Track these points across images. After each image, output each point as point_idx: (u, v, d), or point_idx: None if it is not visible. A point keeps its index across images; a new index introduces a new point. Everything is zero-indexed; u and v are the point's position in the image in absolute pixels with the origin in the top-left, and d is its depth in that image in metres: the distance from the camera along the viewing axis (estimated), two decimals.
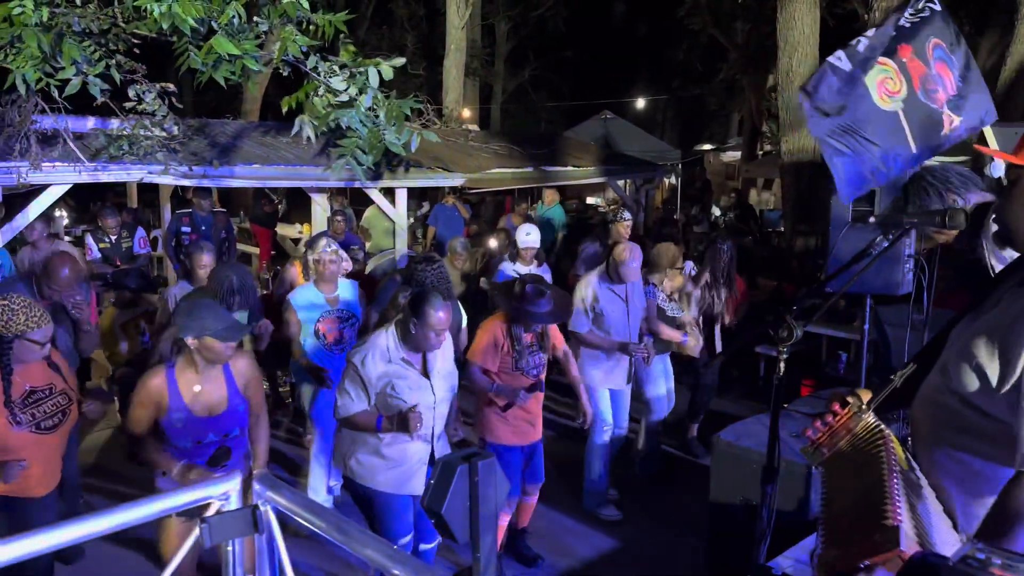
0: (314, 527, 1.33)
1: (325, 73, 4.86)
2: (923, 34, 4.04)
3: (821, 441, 1.86)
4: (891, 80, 3.89)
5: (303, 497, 1.38)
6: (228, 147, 6.68)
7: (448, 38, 13.76)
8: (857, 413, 1.82)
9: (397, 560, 1.19)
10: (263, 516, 1.40)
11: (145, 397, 3.16)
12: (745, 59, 17.44)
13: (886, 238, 1.95)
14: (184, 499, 1.45)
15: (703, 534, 4.38)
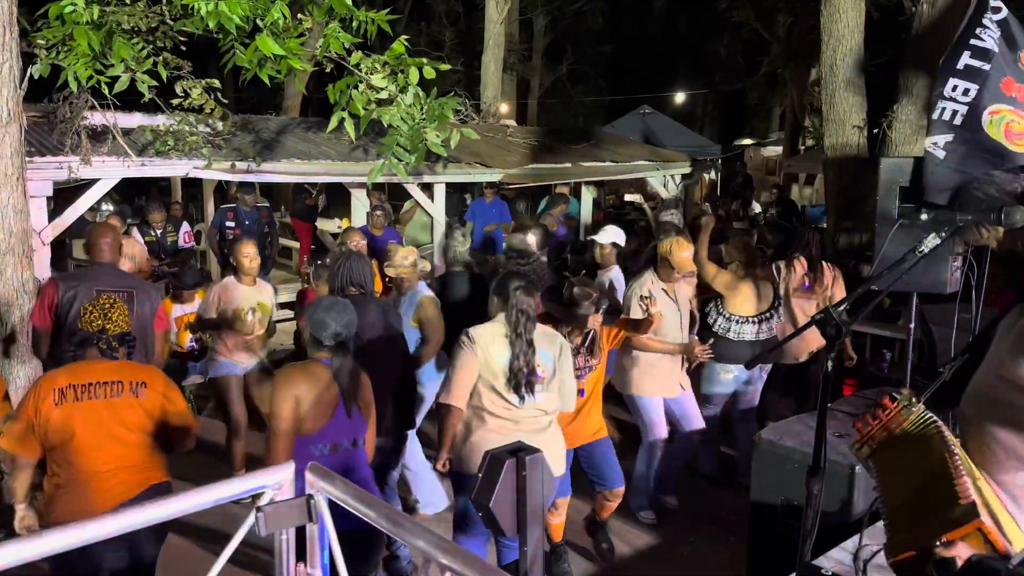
0: (365, 517, 1.36)
1: (367, 70, 4.90)
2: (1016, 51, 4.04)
3: (871, 435, 1.83)
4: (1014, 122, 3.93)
5: (354, 487, 1.41)
6: (271, 143, 6.79)
7: (486, 33, 13.76)
8: (907, 406, 1.79)
9: (447, 551, 1.20)
10: (316, 506, 1.43)
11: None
12: (787, 52, 17.18)
13: (938, 235, 1.91)
14: (238, 488, 1.49)
15: (742, 533, 4.34)
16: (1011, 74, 4.01)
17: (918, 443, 1.70)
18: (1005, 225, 1.84)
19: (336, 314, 3.11)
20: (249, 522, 1.40)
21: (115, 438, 2.93)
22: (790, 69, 17.57)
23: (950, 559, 1.35)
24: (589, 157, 9.68)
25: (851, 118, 8.46)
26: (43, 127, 5.87)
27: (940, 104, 4.06)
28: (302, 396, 2.96)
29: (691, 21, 25.72)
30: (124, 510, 1.42)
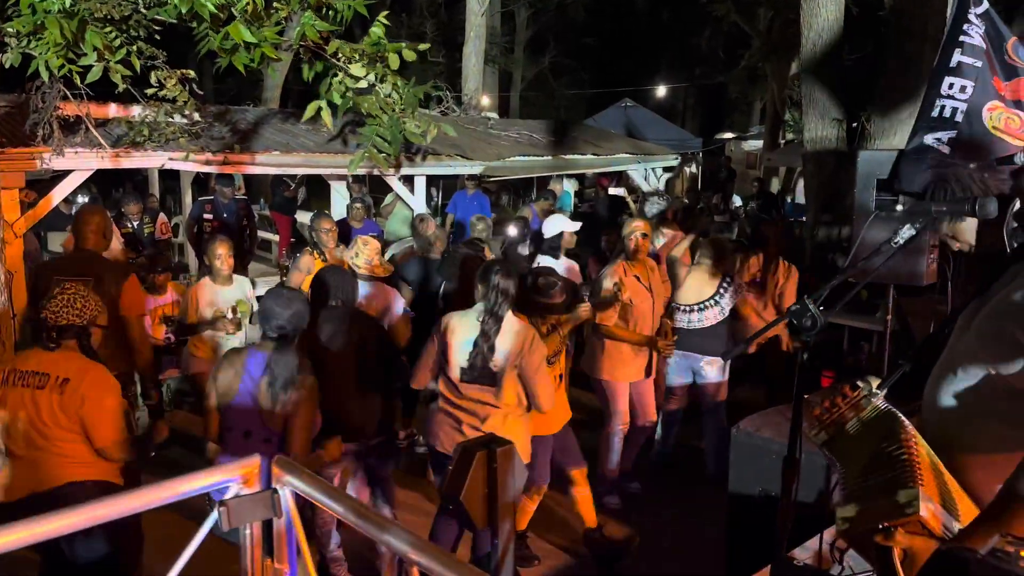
0: (333, 512, 1.34)
1: (344, 59, 4.85)
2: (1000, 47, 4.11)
3: (828, 421, 1.85)
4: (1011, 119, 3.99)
5: (322, 481, 1.38)
6: (249, 134, 6.71)
7: (467, 25, 13.70)
8: (867, 396, 1.80)
9: (416, 547, 1.18)
10: (282, 500, 1.41)
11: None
12: (768, 47, 17.24)
13: (913, 227, 1.91)
14: (203, 482, 1.46)
15: (721, 525, 4.35)
16: (999, 71, 4.07)
17: (874, 430, 1.71)
18: (979, 216, 1.84)
19: (282, 307, 3.17)
20: (213, 517, 1.38)
21: (36, 428, 2.98)
22: (770, 63, 17.64)
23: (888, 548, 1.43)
24: (570, 150, 9.66)
25: (830, 112, 8.50)
26: (15, 117, 5.77)
27: (939, 102, 4.11)
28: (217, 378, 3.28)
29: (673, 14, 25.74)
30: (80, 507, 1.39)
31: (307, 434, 3.28)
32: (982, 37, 4.06)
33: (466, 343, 3.59)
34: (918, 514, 1.40)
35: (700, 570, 4.37)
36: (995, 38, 4.12)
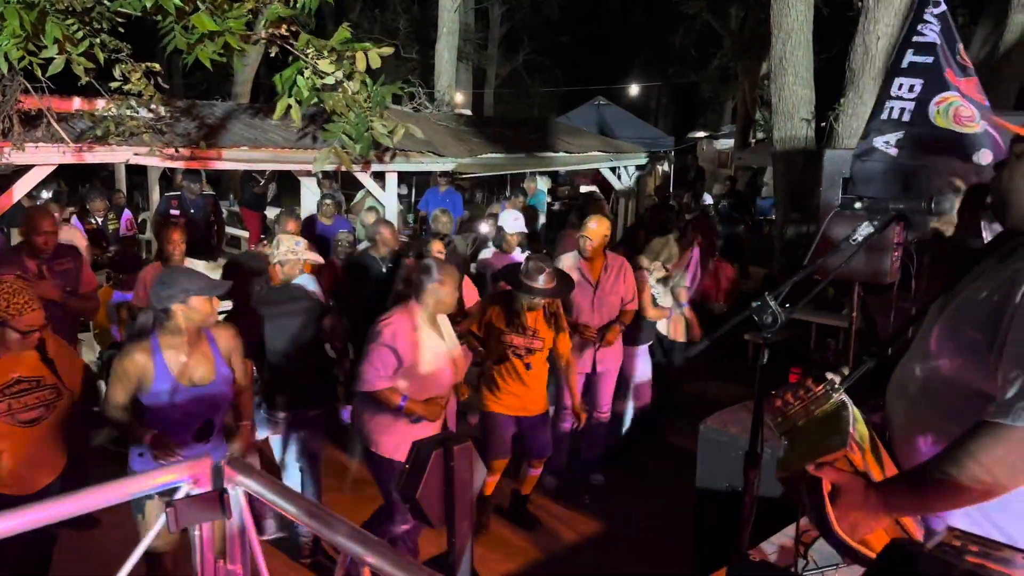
0: (285, 512, 1.32)
1: (313, 54, 4.81)
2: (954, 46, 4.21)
3: (789, 413, 1.88)
4: (962, 107, 4.08)
5: (274, 481, 1.36)
6: (216, 129, 6.62)
7: (440, 21, 13.65)
8: (828, 391, 1.83)
9: (369, 546, 1.17)
10: (233, 500, 1.39)
11: (125, 373, 3.08)
12: (739, 46, 17.39)
13: (871, 224, 1.93)
14: (153, 483, 1.43)
15: (689, 520, 4.38)
16: (952, 67, 4.14)
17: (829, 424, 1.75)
18: (936, 213, 1.86)
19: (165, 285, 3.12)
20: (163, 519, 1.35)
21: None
22: (742, 62, 17.79)
23: (818, 480, 1.57)
24: (543, 147, 9.67)
25: (799, 111, 8.58)
26: None
27: (888, 104, 4.19)
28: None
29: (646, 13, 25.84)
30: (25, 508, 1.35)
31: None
32: (937, 34, 4.14)
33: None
34: (845, 448, 1.55)
35: (668, 565, 4.39)
36: (949, 35, 4.21)
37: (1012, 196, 1.72)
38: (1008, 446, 1.51)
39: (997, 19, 10.41)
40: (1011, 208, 1.73)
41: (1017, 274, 1.62)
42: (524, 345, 4.37)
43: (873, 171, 4.15)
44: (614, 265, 5.10)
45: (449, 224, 6.80)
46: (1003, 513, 1.65)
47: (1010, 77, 9.64)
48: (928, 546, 1.11)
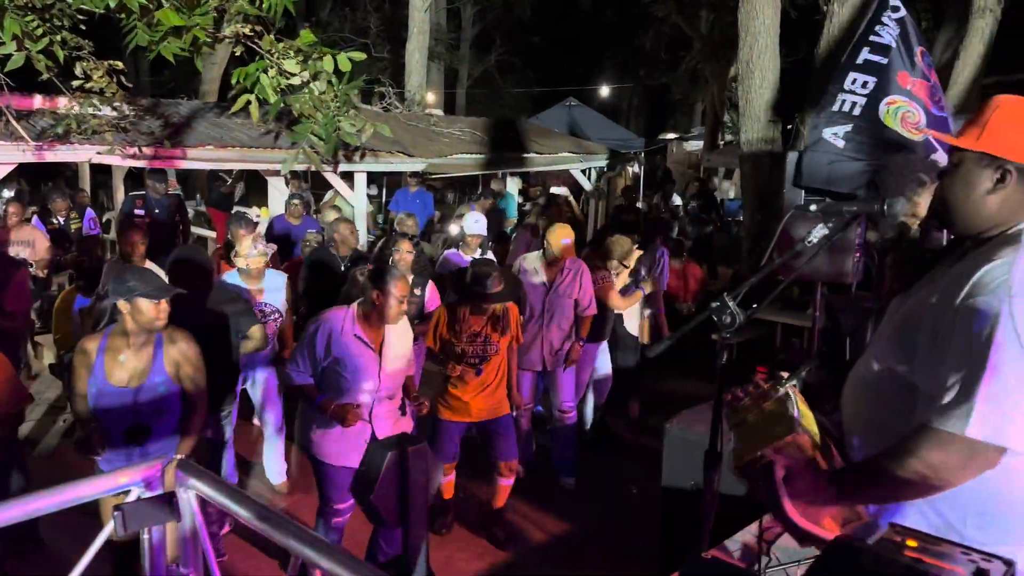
0: (235, 515, 1.31)
1: (279, 54, 4.77)
2: (911, 49, 4.29)
3: (741, 409, 1.92)
4: (910, 113, 4.16)
5: (225, 484, 1.35)
6: (181, 127, 6.55)
7: (410, 21, 13.61)
8: (775, 387, 1.86)
9: (321, 550, 1.16)
10: (184, 503, 1.37)
11: (80, 363, 3.12)
12: (708, 49, 17.53)
13: (826, 226, 1.97)
14: (103, 486, 1.41)
15: (655, 518, 4.42)
16: (907, 68, 4.24)
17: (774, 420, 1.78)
18: (888, 216, 1.90)
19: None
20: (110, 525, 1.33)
21: None
22: (711, 65, 17.94)
23: (771, 463, 1.63)
24: (513, 148, 9.68)
25: (766, 113, 8.67)
26: None
27: (840, 96, 4.28)
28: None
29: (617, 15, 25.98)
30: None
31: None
32: (894, 37, 4.24)
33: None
34: (794, 434, 1.61)
35: (635, 564, 4.42)
36: (907, 39, 4.31)
37: (953, 204, 1.77)
38: (948, 450, 1.55)
39: (958, 24, 10.61)
40: (954, 216, 1.78)
41: (959, 278, 1.66)
42: (476, 353, 4.32)
43: (819, 163, 4.25)
44: (572, 269, 5.13)
45: (415, 227, 6.78)
46: (949, 505, 1.69)
47: (970, 80, 9.84)
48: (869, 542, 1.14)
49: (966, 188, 1.73)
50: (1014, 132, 1.67)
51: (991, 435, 1.53)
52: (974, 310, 1.59)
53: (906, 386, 1.76)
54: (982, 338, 1.56)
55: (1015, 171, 1.67)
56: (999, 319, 1.55)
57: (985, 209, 1.72)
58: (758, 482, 1.67)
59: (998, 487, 1.65)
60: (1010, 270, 1.59)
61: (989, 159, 1.69)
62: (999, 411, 1.52)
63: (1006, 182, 1.68)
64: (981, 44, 9.82)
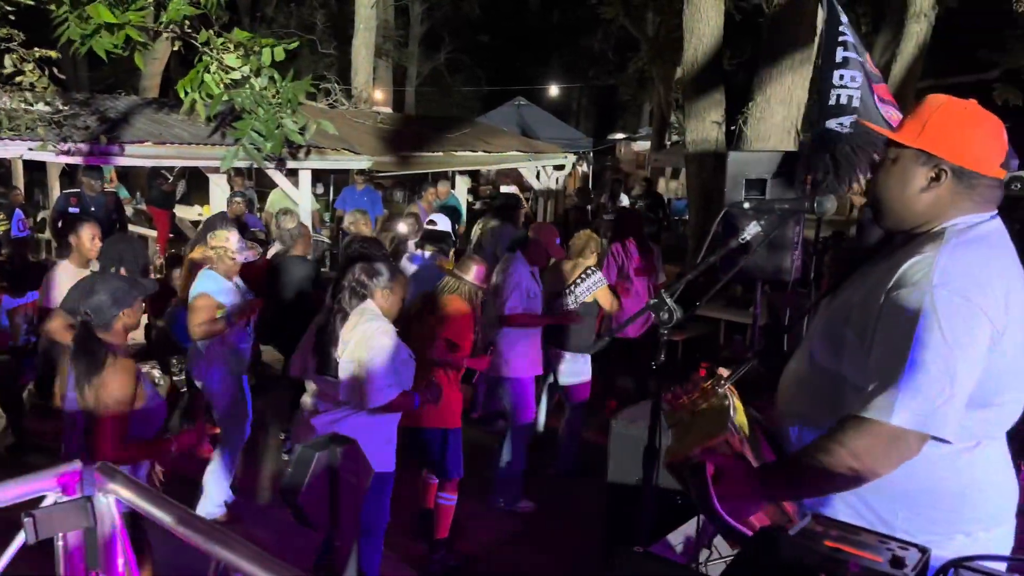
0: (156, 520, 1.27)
1: (218, 49, 4.67)
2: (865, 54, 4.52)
3: (679, 406, 1.94)
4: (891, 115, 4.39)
5: (146, 488, 1.31)
6: (117, 123, 6.38)
7: (357, 17, 13.48)
8: (714, 386, 1.89)
9: (247, 557, 1.14)
10: (102, 508, 1.33)
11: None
12: (655, 50, 17.70)
13: (759, 224, 2.00)
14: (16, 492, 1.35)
15: (602, 515, 4.44)
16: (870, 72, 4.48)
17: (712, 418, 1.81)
18: (818, 213, 1.94)
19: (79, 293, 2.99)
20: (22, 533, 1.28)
21: None
22: (657, 66, 18.13)
23: (701, 463, 1.64)
24: (462, 146, 9.65)
25: (710, 115, 8.80)
26: None
27: (833, 92, 4.46)
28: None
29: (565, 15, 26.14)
30: None
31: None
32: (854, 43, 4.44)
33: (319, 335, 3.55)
34: (725, 434, 1.63)
35: (580, 561, 4.44)
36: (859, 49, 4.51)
37: (886, 199, 1.80)
38: (872, 438, 1.59)
39: (896, 28, 10.92)
40: (886, 210, 1.82)
41: (885, 273, 1.70)
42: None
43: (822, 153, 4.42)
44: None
45: (369, 226, 6.71)
46: (879, 499, 1.73)
47: (907, 83, 10.15)
48: (792, 532, 1.16)
49: (901, 184, 1.77)
50: (953, 133, 1.71)
51: (914, 423, 1.57)
52: (898, 303, 1.63)
53: (836, 379, 1.80)
54: (906, 329, 1.60)
55: (950, 171, 1.71)
56: (922, 311, 1.59)
57: (917, 206, 1.76)
58: (689, 481, 1.69)
59: (925, 479, 1.70)
60: (933, 264, 1.63)
61: (927, 157, 1.73)
62: (922, 400, 1.57)
63: (940, 181, 1.72)
64: (916, 48, 10.13)
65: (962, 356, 1.57)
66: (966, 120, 1.73)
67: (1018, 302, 1.66)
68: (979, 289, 1.60)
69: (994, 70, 15.22)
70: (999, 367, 1.63)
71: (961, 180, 1.71)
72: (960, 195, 1.72)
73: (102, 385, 2.79)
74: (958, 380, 1.57)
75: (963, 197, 1.72)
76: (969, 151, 1.70)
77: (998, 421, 1.74)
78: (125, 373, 2.83)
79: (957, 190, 1.72)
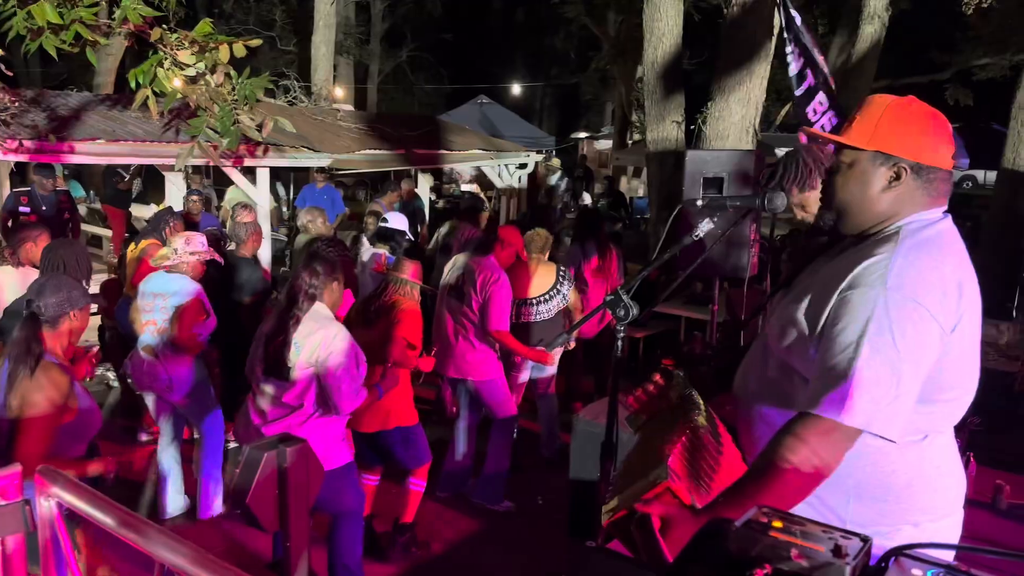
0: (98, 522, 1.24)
1: (172, 46, 4.58)
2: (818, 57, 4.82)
3: (640, 409, 1.95)
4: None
5: (88, 490, 1.28)
6: (69, 120, 6.23)
7: (316, 14, 13.36)
8: (675, 385, 1.90)
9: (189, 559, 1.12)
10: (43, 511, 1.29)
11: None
12: (616, 50, 17.84)
13: (711, 221, 2.03)
14: None
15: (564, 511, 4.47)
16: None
17: (674, 417, 1.81)
18: (768, 211, 1.97)
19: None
20: None
21: None
22: (618, 66, 18.26)
23: (647, 516, 1.54)
24: (423, 144, 9.61)
25: (670, 114, 8.87)
26: None
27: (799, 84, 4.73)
28: None
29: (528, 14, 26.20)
30: None
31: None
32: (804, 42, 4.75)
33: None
34: (666, 481, 1.53)
35: (543, 558, 4.45)
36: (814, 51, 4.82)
37: (847, 202, 1.82)
38: (823, 435, 1.61)
39: (852, 29, 11.12)
40: (848, 213, 1.83)
41: (840, 272, 1.73)
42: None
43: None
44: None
45: (326, 225, 6.64)
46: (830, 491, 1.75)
47: (861, 83, 10.34)
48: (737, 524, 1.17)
49: (862, 186, 1.79)
50: (906, 131, 1.75)
51: (862, 422, 1.60)
52: (852, 302, 1.66)
53: (789, 373, 1.83)
54: (858, 329, 1.62)
55: (909, 169, 1.75)
56: (874, 311, 1.62)
57: (879, 206, 1.79)
58: (637, 537, 1.58)
59: (874, 472, 1.73)
60: (888, 265, 1.66)
61: (884, 158, 1.76)
62: (869, 400, 1.59)
63: (901, 180, 1.76)
64: (870, 49, 10.33)
65: (910, 359, 1.61)
66: (915, 118, 1.76)
67: (971, 300, 1.71)
68: (931, 293, 1.64)
69: (946, 71, 15.60)
70: (946, 366, 1.67)
71: (920, 176, 1.75)
72: (918, 191, 1.76)
73: (28, 391, 2.69)
74: (905, 382, 1.61)
75: (921, 193, 1.77)
76: (925, 147, 1.74)
77: (944, 416, 1.78)
78: (52, 385, 2.73)
79: (916, 186, 1.76)
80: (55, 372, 2.77)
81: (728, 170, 4.59)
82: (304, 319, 3.38)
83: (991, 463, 3.78)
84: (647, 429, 1.94)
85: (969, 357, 1.74)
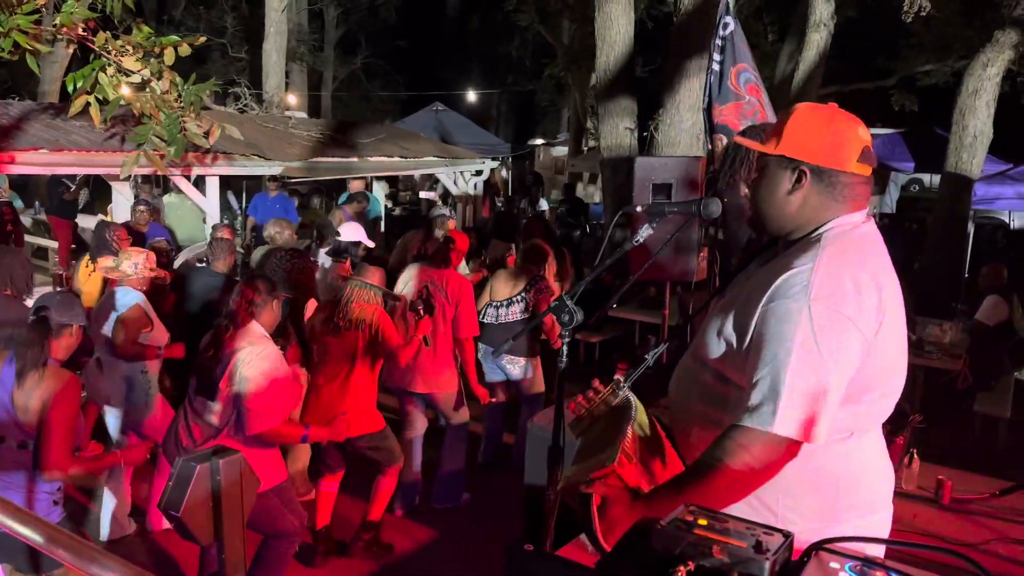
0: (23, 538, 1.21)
1: (116, 52, 4.50)
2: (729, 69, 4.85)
3: (582, 415, 1.99)
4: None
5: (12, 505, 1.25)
6: (10, 130, 6.08)
7: (267, 21, 13.24)
8: (616, 390, 1.93)
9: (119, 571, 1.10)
10: None
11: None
12: (570, 57, 17.98)
13: (650, 226, 2.06)
14: None
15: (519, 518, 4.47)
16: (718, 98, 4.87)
17: (615, 420, 1.84)
18: (704, 216, 2.00)
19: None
20: None
21: None
22: (573, 73, 18.40)
23: (588, 495, 1.65)
24: (377, 152, 9.57)
25: (623, 121, 8.97)
26: None
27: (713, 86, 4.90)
28: None
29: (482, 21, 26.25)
30: None
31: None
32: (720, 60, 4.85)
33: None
34: (614, 464, 1.64)
35: (496, 566, 4.45)
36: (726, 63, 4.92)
37: (760, 206, 1.89)
38: (757, 445, 1.65)
39: (800, 37, 11.36)
40: (762, 217, 1.90)
41: (766, 280, 1.77)
42: None
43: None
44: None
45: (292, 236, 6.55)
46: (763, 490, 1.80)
47: (808, 89, 10.57)
48: (662, 523, 1.20)
49: (770, 190, 1.85)
50: (807, 135, 1.79)
51: (792, 431, 1.64)
52: (776, 313, 1.69)
53: (722, 379, 1.87)
54: (784, 340, 1.66)
55: (809, 171, 1.79)
56: (799, 322, 1.66)
57: (787, 209, 1.83)
58: (576, 507, 1.71)
59: (803, 470, 1.77)
60: (810, 275, 1.70)
61: (787, 161, 1.81)
62: (798, 410, 1.64)
63: (803, 182, 1.80)
64: (817, 56, 10.57)
65: (835, 368, 1.66)
66: (817, 121, 1.81)
67: (893, 304, 1.76)
68: (852, 302, 1.68)
69: (891, 77, 16.01)
70: (870, 369, 1.72)
71: (821, 179, 1.79)
72: (824, 194, 1.80)
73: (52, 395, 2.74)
74: (831, 390, 1.66)
75: (828, 196, 1.80)
76: (821, 149, 1.78)
77: (869, 415, 1.83)
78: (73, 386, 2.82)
79: (819, 189, 1.80)
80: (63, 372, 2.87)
81: (676, 176, 4.66)
82: (237, 336, 3.35)
83: (934, 459, 3.88)
84: (589, 435, 1.98)
85: (893, 358, 1.79)
